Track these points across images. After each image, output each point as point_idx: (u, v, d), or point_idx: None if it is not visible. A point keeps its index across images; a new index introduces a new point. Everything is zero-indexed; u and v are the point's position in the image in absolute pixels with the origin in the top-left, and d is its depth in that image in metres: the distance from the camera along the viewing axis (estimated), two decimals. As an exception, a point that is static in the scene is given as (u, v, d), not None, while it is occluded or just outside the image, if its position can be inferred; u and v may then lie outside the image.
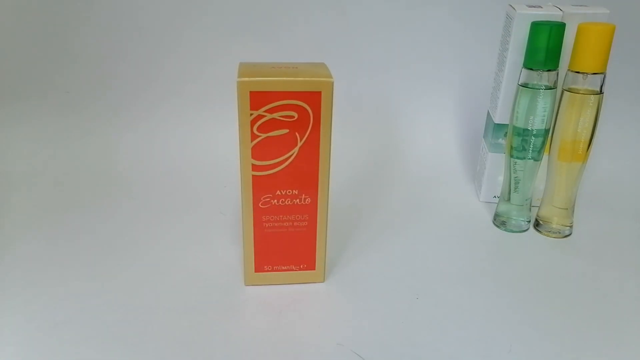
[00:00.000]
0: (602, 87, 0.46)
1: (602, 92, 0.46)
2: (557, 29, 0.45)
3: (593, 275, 0.46)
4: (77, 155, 0.63)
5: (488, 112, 0.57)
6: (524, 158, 0.49)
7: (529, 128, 0.48)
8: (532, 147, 0.49)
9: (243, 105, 0.37)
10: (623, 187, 0.61)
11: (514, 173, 0.50)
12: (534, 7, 0.50)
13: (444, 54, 0.67)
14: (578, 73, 0.45)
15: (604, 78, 0.45)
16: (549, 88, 0.47)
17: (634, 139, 0.66)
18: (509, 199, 0.51)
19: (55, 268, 0.44)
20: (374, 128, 0.69)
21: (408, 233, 0.51)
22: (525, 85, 0.47)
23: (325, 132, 0.38)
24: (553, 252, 0.49)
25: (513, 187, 0.51)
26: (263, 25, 0.65)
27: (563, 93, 0.47)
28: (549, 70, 0.46)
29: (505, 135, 0.53)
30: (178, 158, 0.64)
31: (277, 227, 0.41)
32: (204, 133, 0.66)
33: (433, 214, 0.55)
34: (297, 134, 0.38)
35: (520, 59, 0.49)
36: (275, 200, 0.40)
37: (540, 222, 0.52)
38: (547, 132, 0.49)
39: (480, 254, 0.48)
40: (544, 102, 0.47)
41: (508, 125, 0.50)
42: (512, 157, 0.50)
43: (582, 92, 0.46)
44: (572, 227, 0.52)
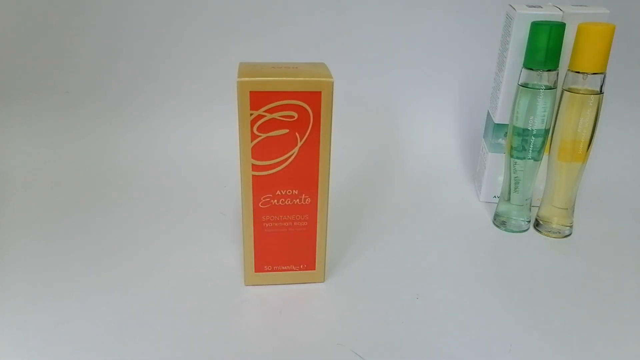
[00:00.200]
0: (602, 87, 0.46)
1: (602, 92, 0.46)
2: (557, 29, 0.45)
3: (593, 275, 0.46)
4: (76, 155, 0.63)
5: (488, 112, 0.57)
6: (524, 158, 0.49)
7: (529, 128, 0.48)
8: (532, 147, 0.49)
9: (243, 105, 0.37)
10: (623, 187, 0.61)
11: (514, 173, 0.50)
12: (534, 7, 0.50)
13: (444, 54, 0.67)
14: (578, 73, 0.45)
15: (604, 78, 0.45)
16: (549, 88, 0.47)
17: (634, 139, 0.66)
18: (509, 199, 0.51)
19: (55, 268, 0.44)
20: (374, 128, 0.69)
21: (408, 233, 0.51)
22: (525, 85, 0.47)
23: (325, 132, 0.38)
24: (553, 252, 0.49)
25: (513, 187, 0.51)
26: (263, 25, 0.65)
27: (563, 93, 0.47)
28: (549, 70, 0.46)
29: (505, 135, 0.53)
30: (178, 158, 0.64)
31: (277, 227, 0.41)
32: (204, 133, 0.66)
33: (433, 214, 0.55)
34: (297, 134, 0.38)
35: (520, 59, 0.49)
36: (275, 200, 0.40)
37: (540, 222, 0.52)
38: (547, 132, 0.49)
39: (480, 254, 0.48)
40: (544, 102, 0.47)
41: (508, 125, 0.50)
42: (512, 157, 0.50)
43: (582, 92, 0.46)
44: (572, 227, 0.52)
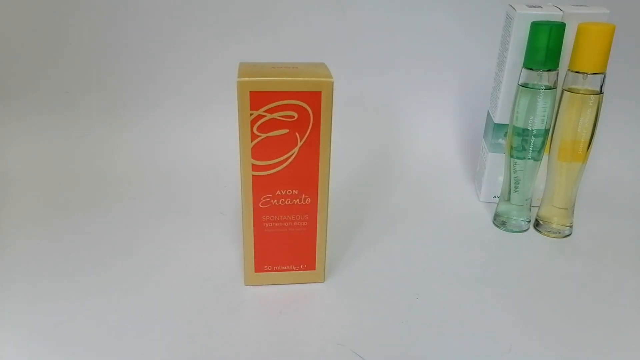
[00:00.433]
0: (602, 87, 0.46)
1: (602, 92, 0.46)
2: (557, 29, 0.45)
3: (593, 275, 0.46)
4: (76, 155, 0.63)
5: (488, 112, 0.57)
6: (524, 158, 0.49)
7: (529, 128, 0.48)
8: (532, 147, 0.49)
9: (243, 105, 0.37)
10: (623, 187, 0.61)
11: (514, 173, 0.50)
12: (534, 7, 0.50)
13: (444, 54, 0.67)
14: (578, 73, 0.45)
15: (604, 78, 0.45)
16: (549, 88, 0.47)
17: (634, 139, 0.66)
18: (509, 199, 0.51)
19: (55, 268, 0.44)
20: (374, 128, 0.68)
21: (408, 233, 0.51)
22: (525, 85, 0.47)
23: (325, 132, 0.38)
24: (553, 252, 0.49)
25: (513, 187, 0.51)
26: (263, 25, 0.65)
27: (563, 93, 0.47)
28: (549, 70, 0.46)
29: (505, 135, 0.53)
30: (178, 158, 0.64)
31: (277, 227, 0.41)
32: (204, 133, 0.66)
33: (433, 214, 0.55)
34: (297, 134, 0.38)
35: (520, 59, 0.49)
36: (275, 200, 0.40)
37: (540, 222, 0.52)
38: (547, 132, 0.49)
39: (480, 254, 0.48)
40: (544, 102, 0.47)
41: (508, 125, 0.50)
42: (512, 157, 0.50)
43: (582, 92, 0.46)
44: (572, 227, 0.52)
